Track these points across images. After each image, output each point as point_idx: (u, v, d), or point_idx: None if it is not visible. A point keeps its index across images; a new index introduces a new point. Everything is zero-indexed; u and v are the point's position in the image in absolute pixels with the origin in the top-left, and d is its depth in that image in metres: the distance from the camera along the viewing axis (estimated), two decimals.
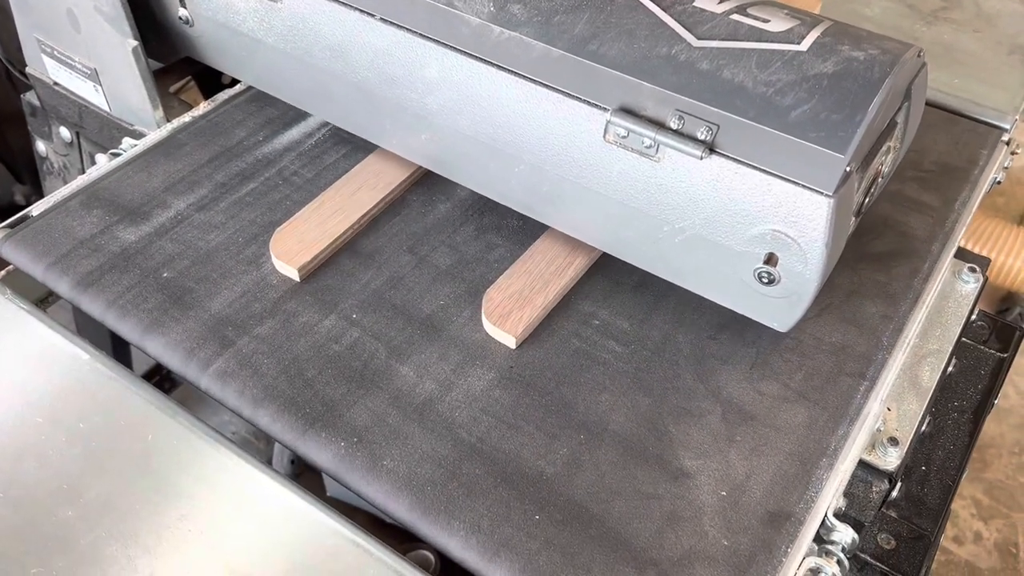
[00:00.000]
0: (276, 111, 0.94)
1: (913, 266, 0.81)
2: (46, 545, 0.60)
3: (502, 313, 0.74)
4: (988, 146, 0.96)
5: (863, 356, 0.73)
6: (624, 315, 0.76)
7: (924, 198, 0.89)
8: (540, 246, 0.80)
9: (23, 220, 0.81)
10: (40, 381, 0.69)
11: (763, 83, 0.63)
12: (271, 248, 0.78)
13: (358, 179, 0.86)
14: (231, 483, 0.63)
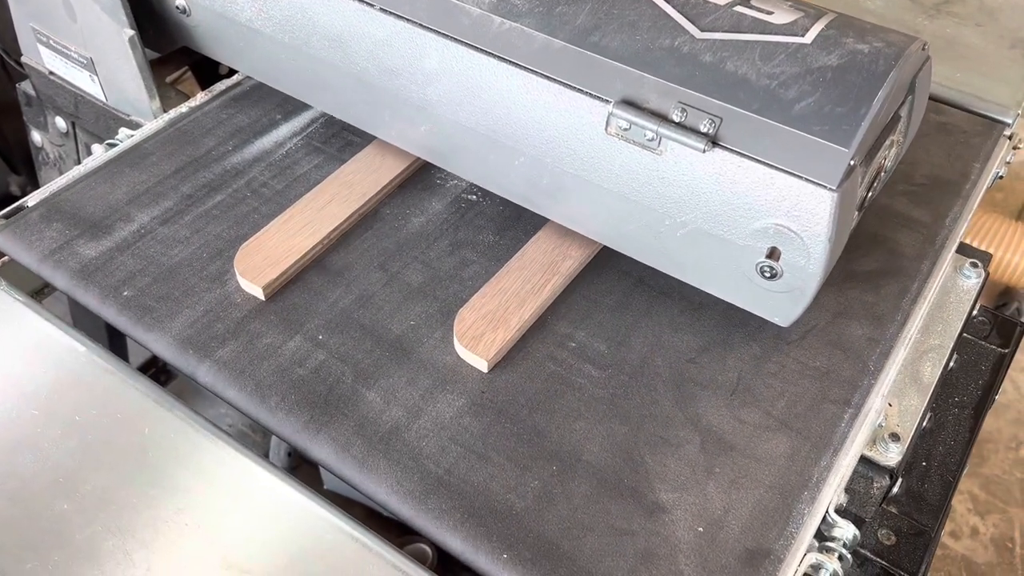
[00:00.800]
0: (247, 119, 0.92)
1: (902, 285, 0.79)
2: (42, 539, 0.59)
3: (474, 335, 0.71)
4: (989, 142, 0.95)
5: (848, 382, 0.71)
6: (602, 336, 0.74)
7: (914, 214, 0.86)
8: (516, 263, 0.78)
9: (18, 211, 0.80)
10: (36, 373, 0.68)
11: (767, 76, 0.62)
12: (235, 265, 0.75)
13: (329, 191, 0.83)
14: (228, 476, 0.63)
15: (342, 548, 0.60)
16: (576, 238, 0.78)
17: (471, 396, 0.69)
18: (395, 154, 0.86)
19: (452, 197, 0.85)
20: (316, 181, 0.85)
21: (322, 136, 0.91)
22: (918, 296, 0.78)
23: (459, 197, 0.85)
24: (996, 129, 0.96)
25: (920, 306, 0.77)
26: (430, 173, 0.87)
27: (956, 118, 0.98)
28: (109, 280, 0.75)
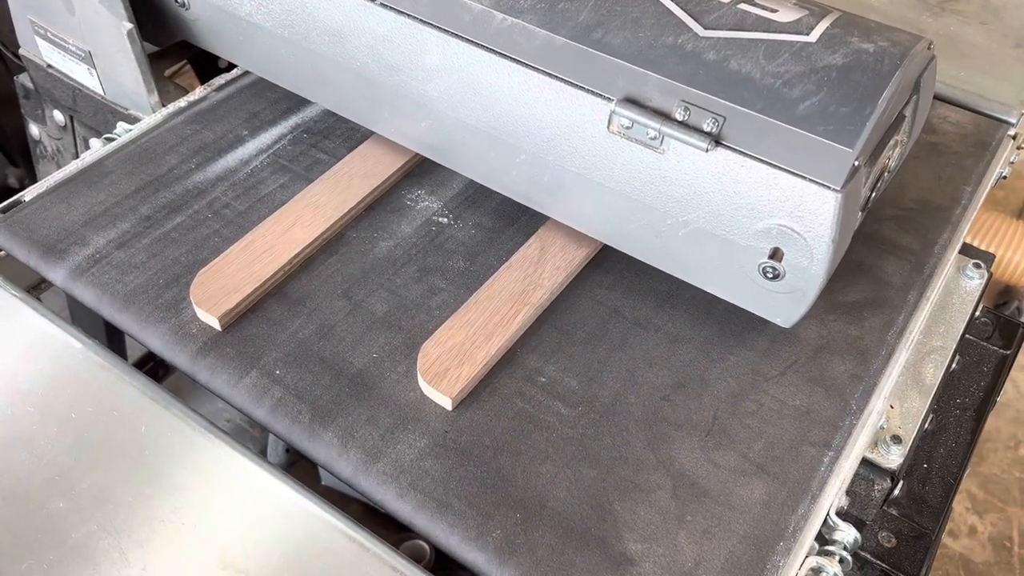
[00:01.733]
0: (212, 135, 0.88)
1: (887, 318, 0.75)
2: (37, 537, 0.59)
3: (438, 371, 0.67)
4: (994, 141, 0.94)
5: (829, 423, 0.68)
6: (573, 371, 0.70)
7: (902, 240, 0.82)
8: (485, 292, 0.74)
9: (15, 205, 0.80)
10: (32, 370, 0.67)
11: (771, 74, 0.62)
12: (191, 293, 0.72)
13: (292, 214, 0.79)
14: (225, 475, 0.63)
15: (339, 547, 0.59)
16: (548, 265, 0.76)
17: (434, 436, 0.65)
18: (364, 174, 0.83)
19: (422, 220, 0.82)
20: (281, 202, 0.81)
21: (289, 154, 0.87)
22: (904, 330, 0.74)
23: (430, 220, 0.82)
24: (1000, 129, 0.95)
25: (921, 309, 0.76)
26: (400, 194, 0.84)
27: (947, 138, 0.94)
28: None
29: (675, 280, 0.74)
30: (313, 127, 0.90)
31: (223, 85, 0.95)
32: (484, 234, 0.81)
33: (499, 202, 0.83)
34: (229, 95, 0.94)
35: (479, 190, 0.83)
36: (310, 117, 0.91)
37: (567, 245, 0.78)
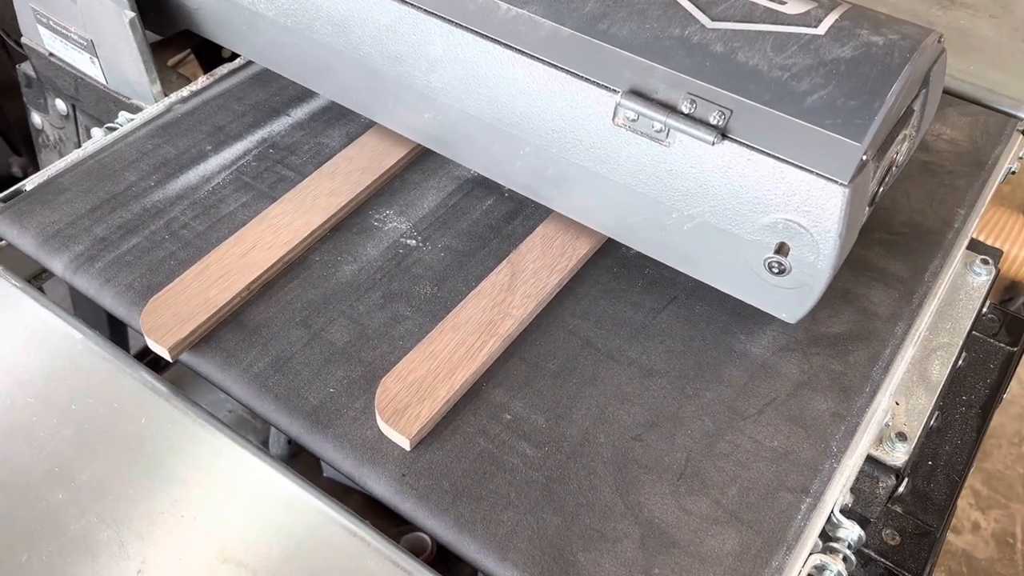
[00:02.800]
0: (174, 150, 0.84)
1: (873, 351, 0.71)
2: (36, 529, 0.58)
3: (397, 408, 0.64)
4: (1004, 135, 0.93)
5: (808, 466, 0.64)
6: (540, 408, 0.67)
7: (891, 267, 0.78)
8: (451, 322, 0.70)
9: (17, 194, 0.79)
10: (32, 361, 0.67)
11: (778, 67, 0.61)
12: (141, 322, 0.68)
13: (252, 236, 0.75)
14: (225, 468, 0.62)
15: (339, 541, 0.59)
16: (519, 293, 0.72)
17: (390, 481, 0.62)
18: (330, 193, 0.79)
19: (389, 242, 0.78)
20: (242, 222, 0.77)
21: (253, 170, 0.83)
22: (889, 364, 0.71)
23: (397, 242, 0.78)
24: (1009, 124, 0.94)
25: (928, 306, 0.75)
26: (367, 214, 0.80)
27: (941, 157, 0.90)
28: None
29: (651, 309, 0.74)
30: (280, 142, 0.87)
31: (188, 97, 0.91)
32: (453, 257, 0.77)
33: (470, 223, 0.80)
34: (194, 107, 0.89)
35: (449, 211, 0.81)
36: (277, 132, 0.88)
37: (539, 271, 0.74)
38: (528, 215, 0.81)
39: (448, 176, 0.85)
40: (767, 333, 0.72)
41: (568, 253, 0.76)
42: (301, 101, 0.91)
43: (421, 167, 0.85)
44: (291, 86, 0.91)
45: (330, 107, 0.90)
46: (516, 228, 0.80)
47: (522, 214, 0.81)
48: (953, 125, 0.95)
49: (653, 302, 0.75)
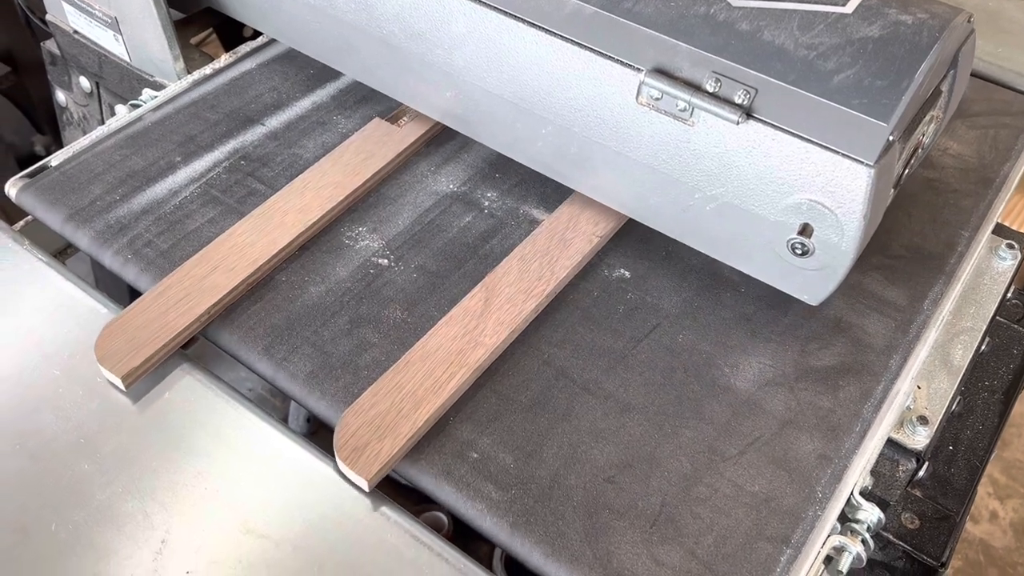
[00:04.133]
0: (142, 161, 0.81)
1: (865, 387, 0.67)
2: (63, 498, 0.59)
3: (356, 446, 0.60)
4: (1015, 150, 0.88)
5: (790, 513, 0.60)
6: (509, 446, 0.63)
7: (888, 294, 0.74)
8: (419, 351, 0.66)
9: (42, 170, 0.80)
10: (58, 334, 0.68)
11: (805, 46, 0.60)
12: (95, 349, 0.65)
13: (216, 255, 0.72)
14: (247, 441, 0.63)
15: (360, 514, 0.60)
16: (492, 320, 0.69)
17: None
18: (299, 209, 0.76)
19: (360, 261, 0.74)
20: (207, 240, 0.74)
21: (223, 183, 0.80)
22: (882, 402, 0.67)
23: (368, 261, 0.74)
24: (1020, 138, 0.89)
25: (952, 289, 0.75)
26: (339, 231, 0.77)
27: (946, 174, 0.85)
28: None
29: (631, 337, 0.70)
30: (252, 153, 0.83)
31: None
32: (427, 279, 0.73)
33: (446, 242, 0.76)
34: (166, 115, 0.86)
35: (425, 228, 0.78)
36: (250, 142, 0.84)
37: (515, 296, 0.70)
38: (507, 234, 0.77)
39: (426, 191, 0.81)
40: (753, 366, 0.69)
41: (546, 276, 0.72)
42: (277, 109, 0.87)
43: (398, 181, 0.82)
44: (267, 93, 0.89)
45: (306, 116, 0.87)
46: (494, 247, 0.76)
47: (501, 232, 0.78)
48: (960, 139, 0.89)
49: (634, 330, 0.71)
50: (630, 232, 0.78)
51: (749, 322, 0.72)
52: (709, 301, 0.73)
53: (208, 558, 0.57)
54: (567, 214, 0.77)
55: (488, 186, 0.82)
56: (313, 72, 0.91)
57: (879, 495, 0.67)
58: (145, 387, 0.65)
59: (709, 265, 0.75)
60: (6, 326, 0.69)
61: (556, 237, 0.75)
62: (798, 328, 0.71)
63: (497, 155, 0.82)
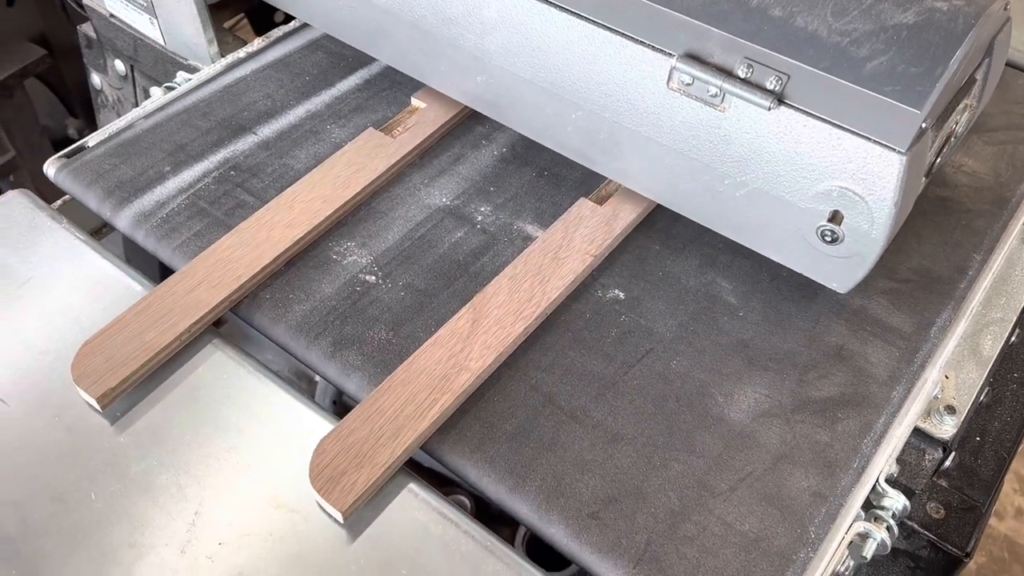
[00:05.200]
0: (131, 171, 0.79)
1: (865, 420, 0.65)
2: (101, 470, 0.61)
3: (332, 475, 0.58)
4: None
5: (781, 555, 0.57)
6: (491, 478, 0.61)
7: (893, 320, 0.71)
8: (401, 375, 0.64)
9: (79, 151, 0.82)
10: (94, 310, 0.69)
11: (838, 32, 0.60)
12: (72, 368, 0.64)
13: (199, 272, 0.70)
14: (279, 418, 0.64)
15: (389, 491, 0.61)
16: (478, 343, 0.66)
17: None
18: (287, 223, 0.74)
19: (347, 278, 0.72)
20: (193, 253, 0.73)
21: (211, 195, 0.78)
22: (882, 436, 0.64)
23: (355, 278, 0.72)
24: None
25: (983, 279, 0.74)
26: (327, 246, 0.75)
27: (960, 192, 0.81)
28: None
29: (623, 362, 0.68)
30: (242, 163, 0.81)
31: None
32: (414, 298, 0.72)
33: (436, 258, 0.74)
34: (157, 123, 0.84)
35: (415, 244, 0.76)
36: (240, 151, 0.82)
37: (503, 318, 0.68)
38: (499, 251, 0.75)
39: (418, 204, 0.79)
40: (748, 395, 0.66)
41: (537, 297, 0.70)
42: (270, 117, 0.86)
43: (390, 194, 0.80)
44: (260, 101, 0.87)
45: (299, 125, 0.85)
46: (485, 265, 0.74)
47: (493, 249, 0.75)
48: (977, 156, 0.85)
49: (626, 355, 0.68)
50: (626, 251, 0.76)
51: (746, 348, 0.69)
52: (705, 325, 0.71)
53: (240, 530, 0.58)
54: (561, 231, 0.75)
55: (482, 200, 0.80)
56: (308, 79, 0.90)
57: (905, 483, 0.67)
58: (178, 363, 0.67)
59: (706, 287, 0.73)
60: (45, 301, 0.70)
61: (549, 255, 0.73)
62: (797, 356, 0.69)
63: (492, 168, 0.82)
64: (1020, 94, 0.92)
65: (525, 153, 0.84)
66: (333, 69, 0.92)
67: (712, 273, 0.75)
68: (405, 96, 0.89)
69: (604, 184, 0.80)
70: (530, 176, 0.82)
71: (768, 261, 0.71)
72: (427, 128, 0.84)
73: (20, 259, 0.73)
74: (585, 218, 0.76)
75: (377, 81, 0.91)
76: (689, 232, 0.77)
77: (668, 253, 0.76)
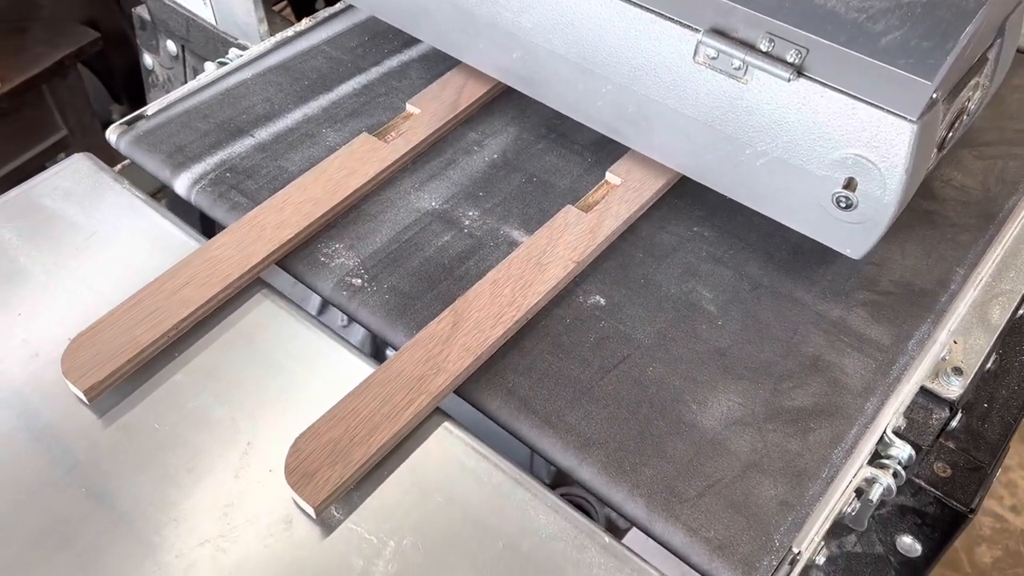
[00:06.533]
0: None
1: (837, 431, 0.65)
2: (161, 401, 0.66)
3: (306, 472, 0.60)
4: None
5: (744, 562, 0.58)
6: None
7: (871, 332, 0.72)
8: (379, 376, 0.65)
9: (139, 119, 0.87)
10: (156, 263, 0.74)
11: (855, 9, 0.64)
12: (62, 361, 0.66)
13: (188, 270, 0.71)
14: (326, 363, 0.69)
15: (427, 428, 0.65)
16: (457, 346, 0.67)
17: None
18: (277, 224, 0.75)
19: (334, 280, 0.74)
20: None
21: (208, 196, 0.80)
22: (853, 447, 0.64)
23: (342, 280, 0.74)
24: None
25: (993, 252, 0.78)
26: (315, 247, 0.76)
27: (947, 206, 0.82)
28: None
29: (599, 368, 0.69)
30: (238, 165, 0.83)
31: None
32: (398, 300, 0.73)
33: (422, 261, 0.76)
34: (159, 124, 0.86)
35: (402, 246, 0.77)
36: (237, 153, 0.84)
37: (483, 321, 0.69)
38: (484, 255, 0.76)
39: (407, 208, 0.80)
40: (722, 403, 0.67)
41: (518, 302, 0.71)
42: (267, 121, 0.87)
43: (380, 197, 0.81)
44: (259, 104, 0.89)
45: (295, 128, 0.87)
46: (470, 269, 0.75)
47: (478, 254, 0.77)
48: (966, 170, 0.86)
49: (603, 360, 0.69)
50: (610, 258, 0.77)
51: (723, 357, 0.70)
52: (684, 333, 0.72)
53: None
54: (546, 237, 0.76)
55: (470, 204, 0.81)
56: (308, 84, 0.91)
57: (912, 439, 0.71)
58: (231, 308, 0.72)
59: (687, 296, 0.74)
60: (111, 256, 0.75)
61: (532, 261, 0.74)
62: (774, 365, 0.70)
63: (483, 174, 0.84)
64: (1015, 109, 0.93)
65: (516, 159, 0.86)
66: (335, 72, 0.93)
67: (693, 282, 0.76)
68: (401, 102, 0.89)
69: (591, 192, 0.81)
70: (519, 182, 0.84)
71: (749, 271, 0.75)
72: (420, 133, 0.85)
73: (86, 215, 0.78)
74: (570, 225, 0.77)
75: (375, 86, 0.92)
76: (672, 240, 0.79)
77: (651, 261, 0.78)
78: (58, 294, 0.72)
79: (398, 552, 0.59)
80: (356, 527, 0.60)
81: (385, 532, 0.59)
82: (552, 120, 0.89)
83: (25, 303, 0.72)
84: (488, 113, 0.90)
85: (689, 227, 0.81)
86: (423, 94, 0.89)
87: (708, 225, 0.81)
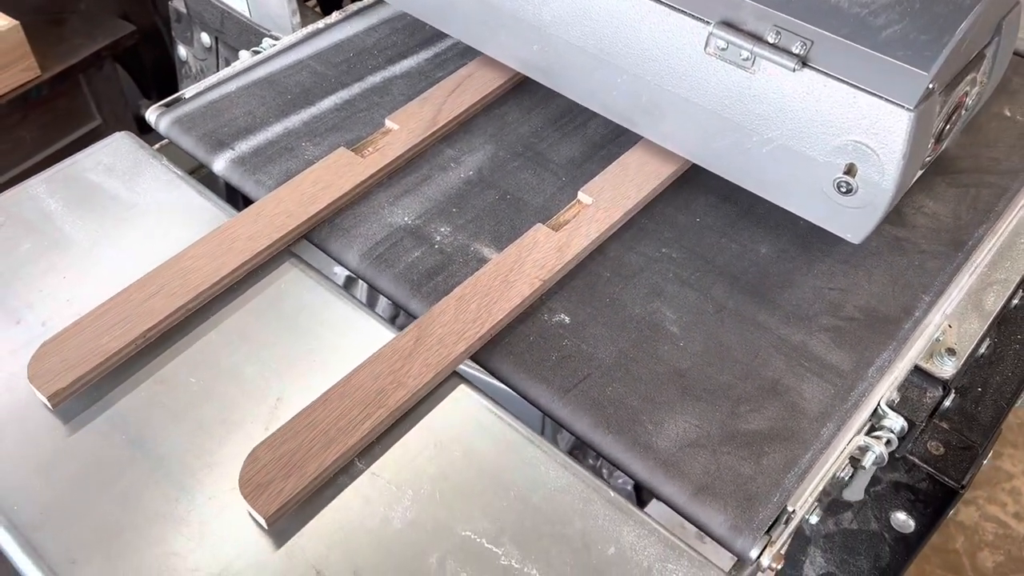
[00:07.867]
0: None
1: (790, 456, 0.65)
2: (197, 360, 0.70)
3: (260, 482, 0.60)
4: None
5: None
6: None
7: (832, 358, 0.72)
8: (339, 388, 0.66)
9: (176, 101, 0.92)
10: (191, 235, 0.79)
11: (858, 4, 0.68)
12: (28, 367, 0.66)
13: (160, 279, 0.72)
14: (351, 328, 0.73)
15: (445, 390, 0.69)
16: (419, 361, 0.68)
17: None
18: (250, 236, 0.76)
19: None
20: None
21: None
22: (806, 472, 0.64)
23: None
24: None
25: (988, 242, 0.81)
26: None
27: (917, 233, 0.82)
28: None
29: (559, 387, 0.69)
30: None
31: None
32: (382, 310, 0.73)
33: (392, 278, 0.77)
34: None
35: (373, 263, 0.78)
36: (218, 168, 0.86)
37: (446, 337, 0.70)
38: (453, 272, 0.77)
39: (380, 223, 0.81)
40: (678, 424, 0.67)
41: (482, 318, 0.71)
42: (248, 133, 0.89)
43: (354, 212, 0.82)
44: (241, 117, 0.90)
45: (275, 142, 0.88)
46: (438, 285, 0.76)
47: (447, 270, 0.77)
48: (938, 197, 0.86)
49: (563, 380, 0.70)
50: (577, 276, 0.78)
51: (682, 378, 0.70)
52: (645, 353, 0.72)
53: None
54: (514, 255, 0.77)
55: (442, 220, 0.82)
56: (291, 98, 0.93)
57: (906, 416, 0.74)
58: (260, 275, 0.76)
59: (651, 316, 0.75)
60: (149, 227, 0.80)
61: (499, 278, 0.74)
62: (732, 388, 0.70)
63: (457, 190, 0.85)
64: (991, 137, 0.94)
65: (491, 177, 0.87)
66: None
67: (658, 303, 0.76)
68: (381, 118, 0.90)
69: (562, 211, 0.82)
70: (493, 199, 0.84)
71: (714, 293, 0.76)
72: (397, 149, 0.86)
73: (127, 189, 0.83)
74: (539, 243, 0.78)
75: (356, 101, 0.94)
76: (640, 261, 0.80)
77: (618, 280, 0.78)
78: (101, 259, 0.77)
79: (416, 499, 0.62)
80: (378, 475, 0.64)
81: (405, 481, 0.63)
82: (529, 139, 0.91)
83: (71, 268, 0.76)
84: (466, 131, 0.91)
85: (658, 248, 0.81)
86: (403, 110, 0.90)
87: (677, 247, 0.81)
